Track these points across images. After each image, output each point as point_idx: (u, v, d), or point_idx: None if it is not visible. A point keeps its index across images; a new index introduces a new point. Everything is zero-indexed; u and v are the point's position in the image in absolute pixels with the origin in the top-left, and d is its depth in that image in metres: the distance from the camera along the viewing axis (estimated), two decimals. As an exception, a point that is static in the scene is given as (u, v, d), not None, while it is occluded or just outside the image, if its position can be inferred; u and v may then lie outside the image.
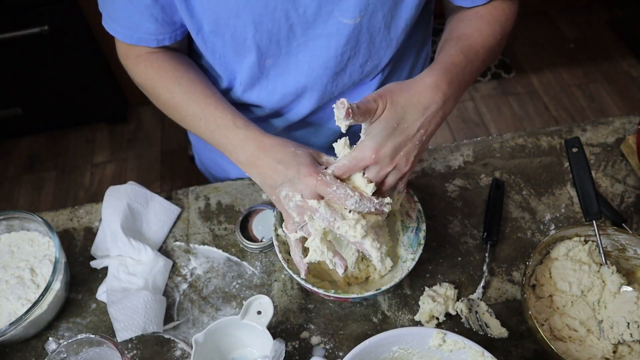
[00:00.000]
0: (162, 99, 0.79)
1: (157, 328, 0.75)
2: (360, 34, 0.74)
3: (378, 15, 0.73)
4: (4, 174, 2.20)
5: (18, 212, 0.80)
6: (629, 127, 0.99)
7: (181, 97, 0.76)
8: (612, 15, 2.70)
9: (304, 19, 0.71)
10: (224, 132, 0.72)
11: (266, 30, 0.71)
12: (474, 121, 2.27)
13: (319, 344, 0.76)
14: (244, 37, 0.72)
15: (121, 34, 0.76)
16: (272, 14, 0.69)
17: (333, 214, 0.62)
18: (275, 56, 0.76)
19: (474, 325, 0.75)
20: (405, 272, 0.71)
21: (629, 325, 0.71)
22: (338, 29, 0.73)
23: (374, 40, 0.76)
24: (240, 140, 0.71)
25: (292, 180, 0.64)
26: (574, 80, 2.45)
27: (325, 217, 0.62)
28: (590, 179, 0.76)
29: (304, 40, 0.74)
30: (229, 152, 0.73)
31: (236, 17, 0.69)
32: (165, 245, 0.87)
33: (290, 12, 0.70)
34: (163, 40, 0.76)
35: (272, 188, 0.67)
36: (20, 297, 0.76)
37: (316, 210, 0.62)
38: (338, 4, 0.70)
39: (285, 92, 0.82)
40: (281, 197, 0.65)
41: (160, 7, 0.72)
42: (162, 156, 2.24)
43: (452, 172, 0.94)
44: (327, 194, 0.62)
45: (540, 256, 0.77)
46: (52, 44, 1.86)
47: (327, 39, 0.74)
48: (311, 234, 0.64)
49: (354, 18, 0.71)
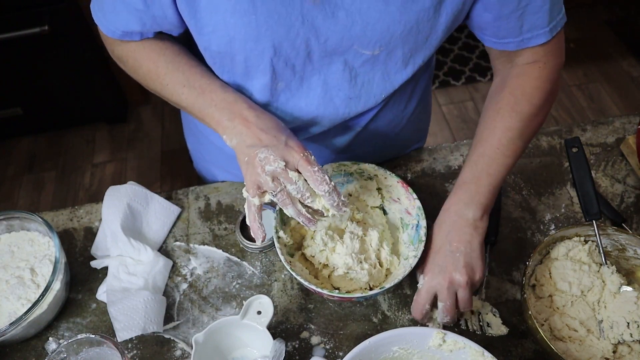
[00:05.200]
0: (144, 69, 0.76)
1: (157, 328, 0.75)
2: (375, 62, 0.73)
3: (398, 52, 0.71)
4: (4, 174, 2.20)
5: (18, 212, 0.80)
6: (629, 127, 0.99)
7: (165, 65, 0.74)
8: (612, 15, 2.70)
9: (323, 48, 0.69)
10: (209, 95, 0.71)
11: (284, 55, 0.69)
12: (474, 121, 2.27)
13: (319, 344, 0.76)
14: (259, 61, 0.70)
15: (105, 26, 0.73)
16: (293, 40, 0.67)
17: (309, 190, 0.65)
18: (288, 80, 0.74)
19: (472, 327, 0.75)
20: (408, 268, 0.71)
21: (628, 325, 0.71)
22: (355, 56, 0.71)
23: (389, 70, 0.75)
24: (229, 102, 0.70)
25: (277, 147, 0.65)
26: (574, 80, 2.45)
27: (300, 191, 0.65)
28: (590, 179, 0.76)
29: (319, 65, 0.72)
30: (211, 115, 0.71)
31: (255, 41, 0.67)
32: (165, 245, 0.87)
33: (311, 40, 0.68)
34: (147, 34, 0.74)
35: (249, 147, 0.66)
36: (20, 297, 0.76)
37: (294, 182, 0.64)
38: (359, 40, 0.68)
39: (295, 116, 0.79)
40: (258, 157, 0.64)
41: (151, 16, 0.69)
42: (162, 156, 2.24)
43: (452, 172, 0.94)
44: (307, 171, 0.64)
45: (540, 256, 0.77)
46: (52, 44, 1.86)
47: (343, 65, 0.72)
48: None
49: (373, 50, 0.70)
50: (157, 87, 0.76)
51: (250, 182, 0.66)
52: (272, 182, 0.64)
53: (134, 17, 0.70)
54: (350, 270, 0.74)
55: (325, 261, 0.76)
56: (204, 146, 1.00)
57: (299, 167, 0.64)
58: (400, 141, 0.96)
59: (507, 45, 0.75)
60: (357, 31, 0.67)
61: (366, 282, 0.74)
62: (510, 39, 0.74)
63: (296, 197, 0.66)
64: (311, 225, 0.67)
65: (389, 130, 0.91)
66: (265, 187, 0.66)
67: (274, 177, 0.64)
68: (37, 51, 1.88)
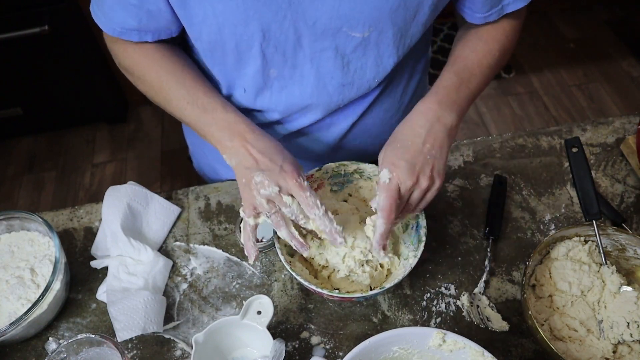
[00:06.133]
0: (148, 82, 0.78)
1: (157, 328, 0.75)
2: (367, 46, 0.74)
3: (388, 33, 0.72)
4: (4, 174, 2.20)
5: (18, 212, 0.80)
6: (629, 127, 0.99)
7: (169, 81, 0.76)
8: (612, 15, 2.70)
9: (312, 31, 0.70)
10: (211, 114, 0.73)
11: (273, 39, 0.70)
12: (474, 121, 2.27)
13: (319, 344, 0.76)
14: (249, 46, 0.71)
15: (104, 24, 0.75)
16: (281, 23, 0.68)
17: (301, 213, 0.67)
18: (279, 67, 0.75)
19: (476, 319, 0.75)
20: (408, 269, 0.71)
21: (628, 325, 0.71)
22: (345, 40, 0.72)
23: (382, 54, 0.76)
24: (229, 122, 0.72)
25: (272, 171, 0.66)
26: (573, 80, 2.45)
27: (294, 213, 0.67)
28: (590, 179, 0.76)
29: (310, 52, 0.73)
30: (212, 134, 0.73)
31: (244, 25, 0.68)
32: (165, 245, 0.87)
33: (299, 22, 0.69)
34: (145, 37, 0.75)
35: (247, 169, 0.68)
36: (20, 297, 0.76)
37: (288, 206, 0.66)
38: (348, 20, 0.69)
39: (289, 104, 0.81)
40: (254, 181, 0.66)
41: (146, 11, 0.71)
42: (162, 156, 2.24)
43: (452, 172, 0.94)
44: (299, 197, 0.66)
45: (540, 256, 0.77)
46: (52, 44, 1.86)
47: (334, 51, 0.73)
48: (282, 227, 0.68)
49: (363, 32, 0.71)
50: (160, 100, 0.79)
51: (247, 204, 0.69)
52: (267, 204, 0.67)
53: (129, 13, 0.72)
54: (352, 273, 0.74)
55: (325, 263, 0.76)
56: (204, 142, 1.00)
57: (292, 192, 0.66)
58: None
59: (489, 16, 0.78)
60: (345, 10, 0.68)
61: (367, 285, 0.74)
62: (493, 10, 0.77)
63: (290, 218, 0.68)
64: (303, 251, 0.69)
65: (385, 122, 0.92)
66: (260, 209, 0.68)
67: (269, 200, 0.67)
68: (37, 51, 1.88)
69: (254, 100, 0.82)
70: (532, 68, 2.50)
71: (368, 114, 0.88)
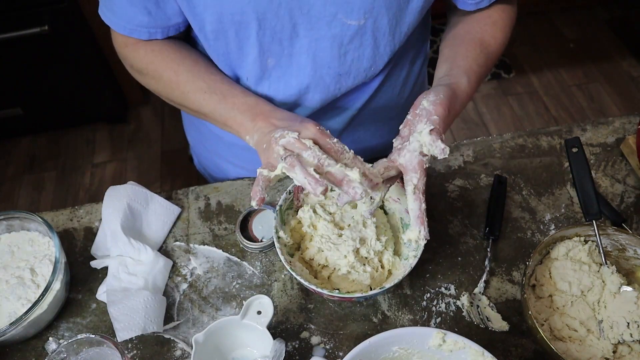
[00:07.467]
0: (164, 79, 0.78)
1: (157, 328, 0.75)
2: (364, 36, 0.74)
3: (383, 20, 0.73)
4: (4, 174, 2.20)
5: (18, 212, 0.80)
6: (629, 127, 0.99)
7: (185, 74, 0.77)
8: (612, 15, 2.70)
9: (307, 19, 0.71)
10: (232, 100, 0.74)
11: (269, 28, 0.71)
12: (473, 121, 2.27)
13: (319, 344, 0.76)
14: (247, 35, 0.73)
15: (115, 23, 0.76)
16: (276, 10, 0.69)
17: (324, 154, 0.61)
18: (277, 56, 0.76)
19: (476, 319, 0.75)
20: (408, 268, 0.71)
21: (628, 325, 0.71)
22: (342, 30, 0.73)
23: (379, 44, 0.76)
24: (250, 105, 0.72)
25: (292, 125, 0.65)
26: (573, 80, 2.45)
27: (316, 155, 0.61)
28: (590, 179, 0.76)
29: (307, 41, 0.74)
30: (233, 118, 0.73)
31: (241, 13, 0.69)
32: (165, 245, 0.87)
33: (295, 10, 0.69)
34: (155, 34, 0.77)
35: (266, 135, 0.66)
36: (20, 297, 0.76)
37: (308, 148, 0.61)
38: (342, 6, 0.70)
39: (287, 94, 0.82)
40: (274, 137, 0.64)
41: (154, 2, 0.73)
42: (162, 156, 2.24)
43: (452, 172, 0.94)
44: (326, 144, 0.63)
45: (540, 256, 0.77)
46: (52, 44, 1.86)
47: (331, 41, 0.74)
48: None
49: (358, 19, 0.71)
50: (177, 96, 0.79)
51: (265, 163, 0.65)
52: (284, 151, 0.63)
53: (137, 7, 0.73)
54: (353, 270, 0.74)
55: (325, 262, 0.76)
56: (206, 137, 1.01)
57: (316, 139, 0.63)
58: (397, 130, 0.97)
59: (481, 3, 0.78)
60: None
61: (367, 285, 0.74)
62: None
63: (312, 162, 0.61)
64: (319, 187, 0.58)
65: (384, 115, 0.92)
66: (276, 157, 0.63)
67: (287, 148, 0.63)
68: (37, 51, 1.88)
69: (254, 89, 0.82)
70: (532, 68, 2.50)
71: (366, 108, 0.89)
